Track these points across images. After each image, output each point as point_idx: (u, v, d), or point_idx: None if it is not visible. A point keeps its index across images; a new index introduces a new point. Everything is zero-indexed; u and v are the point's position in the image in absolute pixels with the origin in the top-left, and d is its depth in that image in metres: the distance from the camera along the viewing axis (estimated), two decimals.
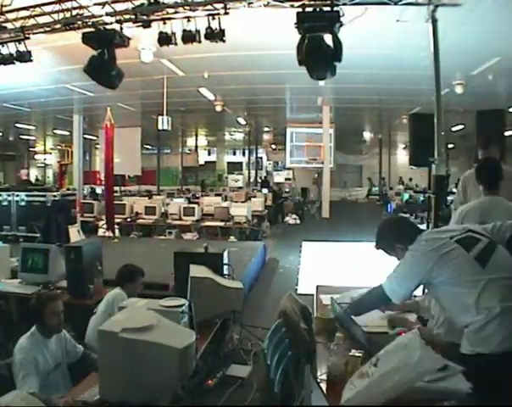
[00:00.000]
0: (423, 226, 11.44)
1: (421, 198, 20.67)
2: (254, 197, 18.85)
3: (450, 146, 25.16)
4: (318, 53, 6.96)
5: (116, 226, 13.95)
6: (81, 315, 5.71)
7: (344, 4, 7.07)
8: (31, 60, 8.59)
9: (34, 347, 3.92)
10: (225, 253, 5.78)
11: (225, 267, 5.60)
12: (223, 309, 4.91)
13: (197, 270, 4.98)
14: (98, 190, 25.48)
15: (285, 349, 3.30)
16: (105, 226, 13.76)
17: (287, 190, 27.38)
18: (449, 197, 7.84)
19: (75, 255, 6.27)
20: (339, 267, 10.91)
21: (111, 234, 13.36)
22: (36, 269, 6.73)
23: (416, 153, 7.81)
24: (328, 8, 6.92)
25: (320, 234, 15.99)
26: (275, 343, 3.31)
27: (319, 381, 3.00)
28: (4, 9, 8.03)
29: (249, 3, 7.27)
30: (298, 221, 20.21)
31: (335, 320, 3.79)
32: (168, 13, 7.50)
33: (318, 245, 14.14)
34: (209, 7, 7.33)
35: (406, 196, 23.79)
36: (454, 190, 19.07)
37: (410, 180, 29.10)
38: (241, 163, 35.63)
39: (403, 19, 8.51)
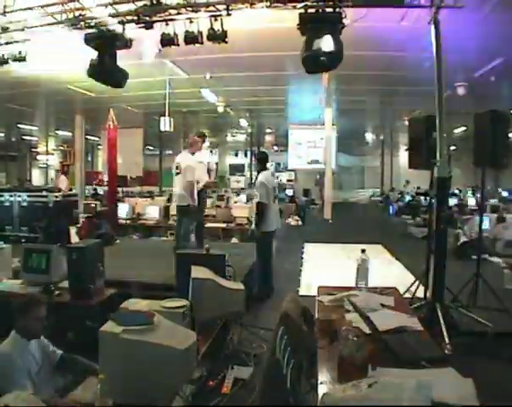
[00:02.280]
0: (424, 229, 11.49)
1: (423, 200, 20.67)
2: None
3: (452, 148, 25.19)
4: (319, 55, 6.97)
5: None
6: (82, 316, 5.72)
7: (347, 6, 7.06)
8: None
9: (15, 351, 3.90)
10: (227, 255, 5.79)
11: (227, 268, 5.60)
12: (224, 311, 4.92)
13: (198, 272, 4.98)
14: (100, 191, 25.55)
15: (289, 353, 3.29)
16: None
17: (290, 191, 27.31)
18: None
19: (77, 256, 6.26)
20: (340, 268, 10.93)
21: None
22: (38, 269, 6.72)
23: (415, 155, 7.83)
24: (330, 10, 6.92)
25: (322, 236, 16.01)
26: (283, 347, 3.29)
27: (320, 382, 3.00)
28: (7, 10, 8.04)
29: (251, 4, 7.27)
30: (300, 223, 20.18)
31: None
32: (170, 14, 7.50)
33: (319, 246, 14.15)
34: (212, 8, 7.33)
35: (408, 197, 23.79)
36: (456, 191, 18.95)
37: (407, 182, 29.14)
38: (243, 164, 35.66)
39: (406, 21, 8.51)
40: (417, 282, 8.05)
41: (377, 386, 2.46)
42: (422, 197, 20.81)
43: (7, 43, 8.48)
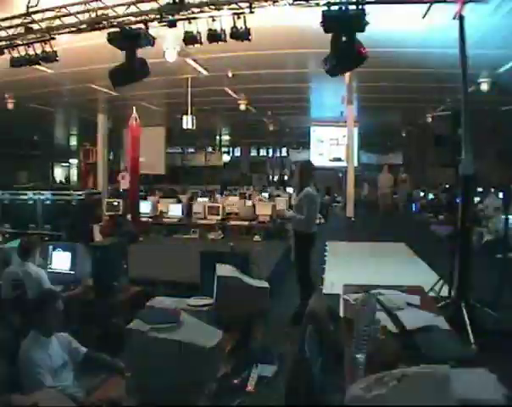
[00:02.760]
0: (447, 227, 11.34)
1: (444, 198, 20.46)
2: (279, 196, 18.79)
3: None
4: (343, 52, 6.96)
5: None
6: (106, 313, 5.76)
7: (370, 3, 7.03)
8: (57, 60, 8.67)
9: (36, 347, 3.90)
10: (252, 253, 5.80)
11: (251, 266, 5.60)
12: (249, 309, 4.91)
13: (223, 270, 4.98)
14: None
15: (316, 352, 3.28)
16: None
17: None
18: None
19: (101, 254, 6.32)
20: (363, 267, 10.88)
21: None
22: (62, 267, 6.79)
23: (440, 153, 7.75)
24: (354, 7, 6.88)
25: (345, 234, 15.97)
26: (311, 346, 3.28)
27: (346, 381, 2.98)
28: (30, 10, 8.10)
29: (274, 2, 7.25)
30: (323, 220, 20.15)
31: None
32: (193, 12, 7.51)
33: (342, 245, 14.10)
34: (234, 6, 7.32)
35: (431, 195, 23.58)
36: (480, 189, 18.65)
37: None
38: (264, 161, 35.66)
39: (429, 17, 8.44)
40: (441, 281, 7.99)
41: (407, 380, 2.43)
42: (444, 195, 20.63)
43: (33, 43, 8.55)
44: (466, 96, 6.87)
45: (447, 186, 24.40)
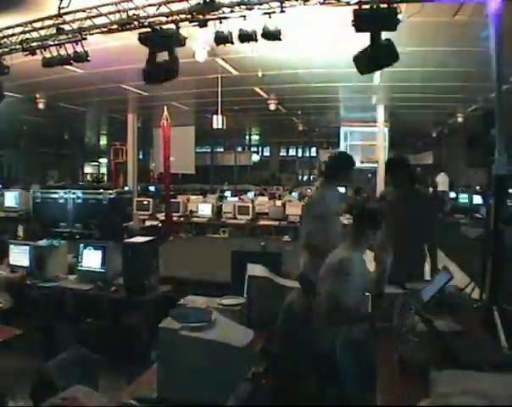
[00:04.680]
0: (478, 229, 11.12)
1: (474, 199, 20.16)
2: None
3: None
4: (378, 51, 6.91)
5: None
6: (136, 311, 5.80)
7: (402, 2, 6.97)
8: (88, 60, 8.73)
9: None
10: (282, 253, 5.79)
11: (283, 266, 5.60)
12: (280, 308, 4.90)
13: (254, 269, 4.97)
14: (151, 188, 25.90)
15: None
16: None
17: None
18: None
19: (132, 252, 6.35)
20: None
21: None
22: (93, 265, 6.85)
23: (473, 153, 7.63)
24: (385, 6, 6.82)
25: None
26: None
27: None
28: (62, 11, 8.18)
29: (305, 1, 7.21)
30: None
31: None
32: (224, 12, 7.51)
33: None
34: (265, 5, 7.30)
35: (463, 196, 23.26)
36: None
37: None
38: (294, 161, 35.64)
39: (461, 14, 8.35)
40: (472, 284, 7.87)
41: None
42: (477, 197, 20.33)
43: (64, 43, 8.62)
44: (500, 95, 6.76)
45: (478, 187, 24.14)
